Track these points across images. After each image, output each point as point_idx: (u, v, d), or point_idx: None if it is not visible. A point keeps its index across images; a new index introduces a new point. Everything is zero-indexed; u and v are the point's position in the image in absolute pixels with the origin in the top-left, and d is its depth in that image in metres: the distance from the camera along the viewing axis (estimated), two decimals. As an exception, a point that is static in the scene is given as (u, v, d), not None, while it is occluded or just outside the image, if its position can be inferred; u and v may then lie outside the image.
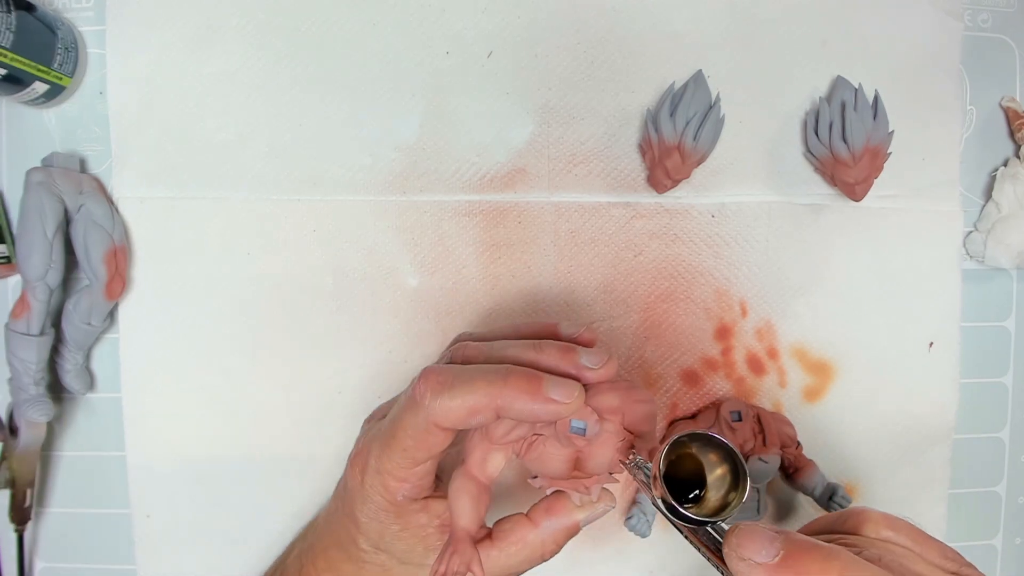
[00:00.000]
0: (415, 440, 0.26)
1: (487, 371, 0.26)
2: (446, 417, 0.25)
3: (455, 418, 0.25)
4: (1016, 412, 0.44)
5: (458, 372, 0.26)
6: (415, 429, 0.26)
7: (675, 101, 0.39)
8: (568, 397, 0.25)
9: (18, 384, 0.37)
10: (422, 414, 0.26)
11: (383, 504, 0.28)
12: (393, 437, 0.27)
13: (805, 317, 0.42)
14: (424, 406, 0.26)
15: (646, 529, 0.39)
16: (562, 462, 0.27)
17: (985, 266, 0.43)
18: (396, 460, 0.27)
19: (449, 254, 0.40)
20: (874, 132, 0.39)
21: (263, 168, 0.40)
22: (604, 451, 0.27)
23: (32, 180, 0.36)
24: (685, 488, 0.25)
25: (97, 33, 0.40)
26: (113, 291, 0.38)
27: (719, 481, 0.24)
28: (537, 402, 0.25)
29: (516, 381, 0.25)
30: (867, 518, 0.24)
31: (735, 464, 0.24)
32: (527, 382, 0.25)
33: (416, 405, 0.26)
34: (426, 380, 0.26)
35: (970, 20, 0.43)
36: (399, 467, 0.27)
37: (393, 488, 0.28)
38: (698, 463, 0.25)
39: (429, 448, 0.27)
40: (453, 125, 0.40)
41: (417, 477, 0.28)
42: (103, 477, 0.41)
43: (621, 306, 0.41)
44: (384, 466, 0.28)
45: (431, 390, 0.26)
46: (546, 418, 0.25)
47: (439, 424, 0.26)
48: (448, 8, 0.40)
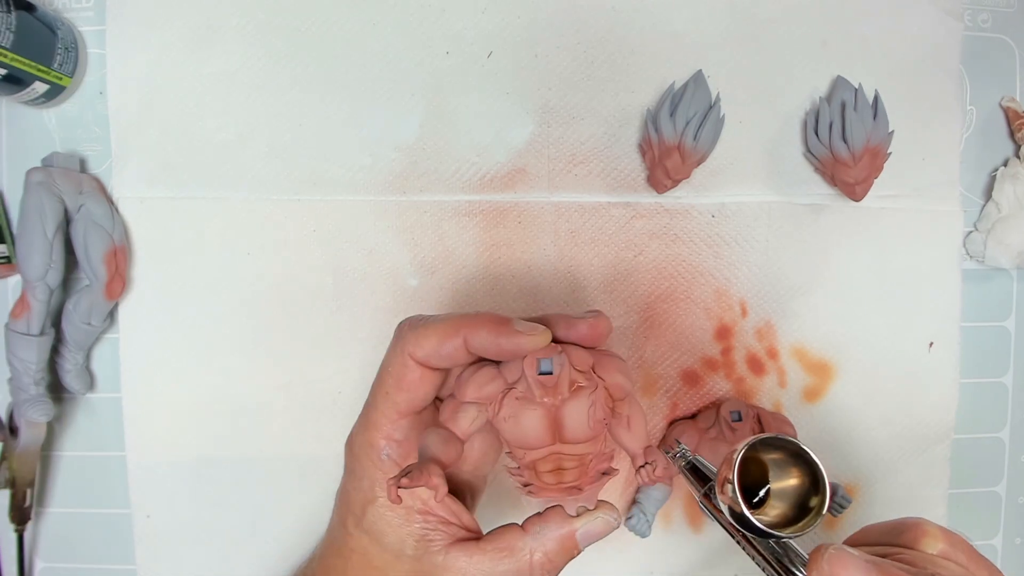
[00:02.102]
0: (395, 379, 0.27)
1: (462, 311, 0.28)
2: (418, 344, 0.26)
3: (428, 346, 0.26)
4: (1016, 412, 0.44)
5: (436, 314, 0.27)
6: (395, 366, 0.27)
7: (675, 101, 0.39)
8: (534, 331, 0.26)
9: (18, 384, 0.37)
10: (399, 346, 0.27)
11: (369, 468, 0.28)
12: (378, 383, 0.28)
13: (805, 317, 0.42)
14: (401, 339, 0.27)
15: (646, 529, 0.39)
16: (537, 423, 0.26)
17: (985, 266, 0.43)
18: (379, 408, 0.27)
19: (449, 254, 0.40)
20: (874, 132, 0.39)
21: (263, 168, 0.40)
22: (579, 406, 0.26)
23: (32, 180, 0.36)
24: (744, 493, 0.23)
25: (97, 33, 0.40)
26: (113, 291, 0.38)
27: (787, 492, 0.24)
28: (502, 334, 0.25)
29: (486, 315, 0.26)
30: (925, 532, 0.24)
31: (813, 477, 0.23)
32: (496, 317, 0.26)
33: (396, 341, 0.27)
34: (408, 319, 0.28)
35: (970, 20, 0.43)
36: (383, 416, 0.27)
37: (379, 444, 0.27)
38: (760, 468, 0.24)
39: (408, 389, 0.27)
40: (453, 125, 0.40)
41: (402, 433, 0.27)
42: (103, 477, 0.41)
43: (621, 306, 0.41)
44: (369, 418, 0.28)
45: (409, 323, 0.27)
46: (510, 349, 0.26)
47: (413, 355, 0.26)
48: (448, 8, 0.40)
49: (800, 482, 0.24)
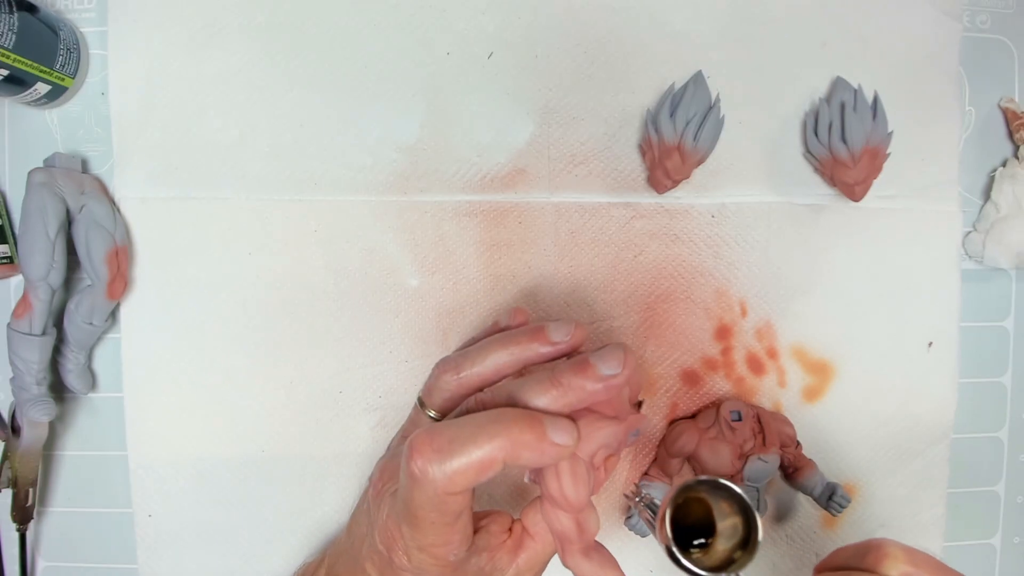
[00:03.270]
0: (437, 513, 0.25)
1: (483, 423, 0.25)
2: (454, 484, 0.24)
3: (464, 481, 0.24)
4: (1015, 412, 0.45)
5: (451, 432, 0.24)
6: (430, 504, 0.25)
7: (675, 101, 0.39)
8: (570, 439, 0.25)
9: (20, 384, 0.37)
10: (429, 488, 0.24)
11: (441, 572, 0.27)
12: (415, 517, 0.25)
13: (805, 317, 0.42)
14: (429, 480, 0.24)
15: (646, 529, 0.39)
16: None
17: (984, 266, 0.43)
18: (431, 533, 0.26)
19: (450, 254, 0.41)
20: (873, 133, 0.39)
21: (264, 168, 0.40)
22: None
23: (34, 180, 0.36)
24: (694, 532, 0.24)
25: (99, 34, 0.40)
26: (115, 291, 0.38)
27: (730, 531, 0.24)
28: (543, 452, 0.25)
29: (518, 431, 0.24)
30: (887, 554, 0.24)
31: (748, 518, 0.23)
32: (529, 429, 0.24)
33: (419, 482, 0.24)
34: (420, 452, 0.24)
35: (969, 21, 0.43)
36: (438, 537, 0.26)
37: (443, 555, 0.27)
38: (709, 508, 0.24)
39: (454, 512, 0.25)
40: (453, 125, 0.40)
41: (459, 533, 0.26)
42: (105, 477, 0.41)
43: (621, 306, 0.41)
44: (422, 542, 0.26)
45: (429, 462, 0.24)
46: (551, 462, 0.25)
47: (451, 491, 0.24)
48: (448, 9, 0.40)
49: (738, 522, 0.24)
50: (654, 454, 0.42)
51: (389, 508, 0.28)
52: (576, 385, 0.26)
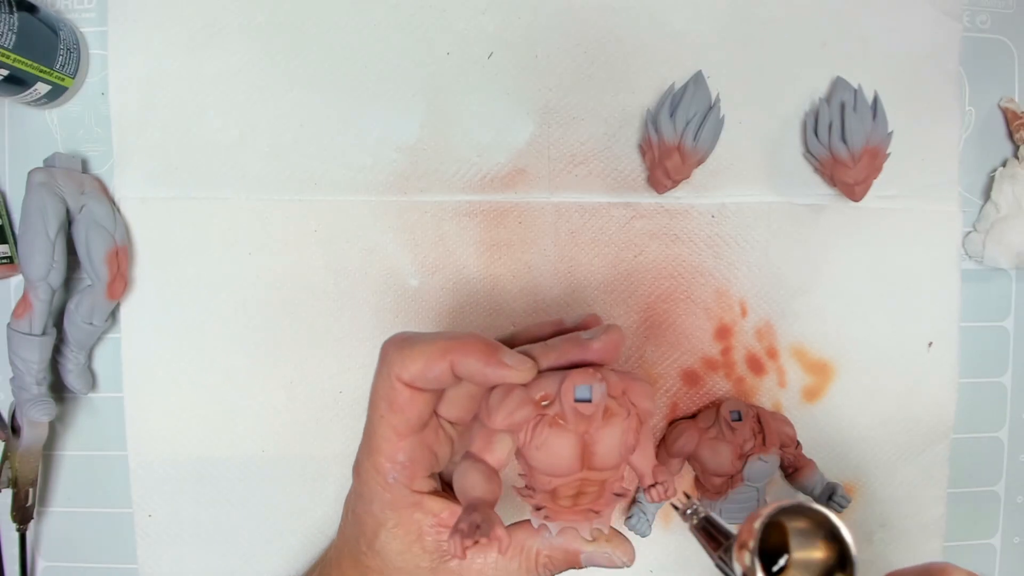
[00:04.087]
0: (387, 403, 0.26)
1: (450, 331, 0.27)
2: (405, 368, 0.25)
3: (414, 369, 0.25)
4: (1015, 411, 0.45)
5: (422, 333, 0.27)
6: (384, 390, 0.26)
7: (675, 101, 0.39)
8: (521, 366, 0.25)
9: (20, 384, 0.37)
10: (386, 370, 0.26)
11: (378, 492, 0.28)
12: (372, 408, 0.27)
13: (805, 317, 0.42)
14: (387, 362, 0.26)
15: (646, 529, 0.39)
16: (569, 452, 0.25)
17: (984, 266, 0.43)
18: (379, 433, 0.27)
19: (450, 254, 0.41)
20: (873, 133, 0.39)
21: (264, 168, 0.40)
22: (613, 434, 0.25)
23: (34, 180, 0.36)
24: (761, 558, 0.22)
25: (99, 34, 0.40)
26: (115, 291, 0.38)
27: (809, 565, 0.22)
28: (490, 364, 0.25)
29: (474, 341, 0.25)
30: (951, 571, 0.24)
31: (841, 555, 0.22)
32: (484, 344, 0.25)
33: (382, 364, 0.27)
34: (392, 340, 0.27)
35: (969, 21, 0.43)
36: (384, 440, 0.27)
37: (384, 468, 0.27)
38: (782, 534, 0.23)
39: (401, 411, 0.26)
40: (453, 125, 0.40)
41: (405, 454, 0.27)
42: (105, 476, 0.41)
43: (621, 306, 0.41)
44: (372, 444, 0.27)
45: (395, 346, 0.26)
46: (494, 380, 0.25)
47: (400, 377, 0.26)
48: (448, 9, 0.40)
49: (825, 556, 0.22)
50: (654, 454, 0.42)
51: None
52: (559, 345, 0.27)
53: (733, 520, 0.39)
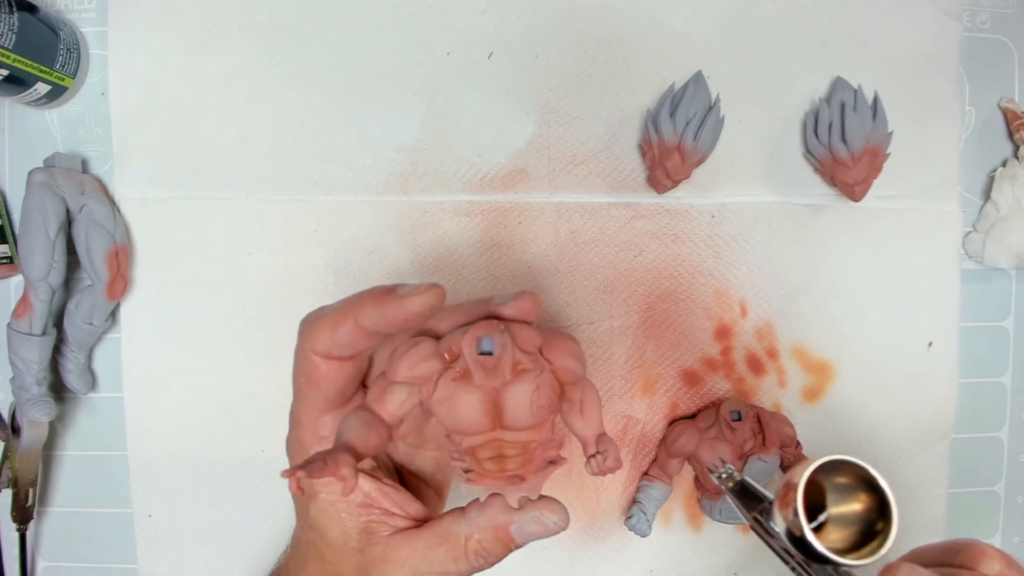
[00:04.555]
0: (304, 377, 0.26)
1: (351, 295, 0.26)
2: (315, 338, 0.25)
3: (323, 337, 0.25)
4: (1015, 412, 0.45)
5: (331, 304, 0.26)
6: (300, 365, 0.26)
7: (675, 101, 0.39)
8: (416, 290, 0.23)
9: (20, 384, 0.37)
10: (300, 345, 0.25)
11: None
12: (294, 385, 0.27)
13: (805, 317, 0.42)
14: (300, 336, 0.26)
15: (646, 529, 0.39)
16: (474, 407, 0.24)
17: (984, 266, 0.43)
18: (300, 407, 0.26)
19: (450, 254, 0.41)
20: (873, 133, 0.39)
21: (264, 168, 0.40)
22: (522, 390, 0.24)
23: (34, 180, 0.36)
24: None
25: (99, 34, 0.40)
26: (115, 291, 0.38)
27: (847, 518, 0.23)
28: (386, 303, 0.24)
29: (369, 290, 0.25)
30: (983, 552, 0.24)
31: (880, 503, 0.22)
32: (380, 288, 0.24)
33: (297, 340, 0.26)
34: (305, 315, 0.26)
35: (969, 21, 0.43)
36: (305, 415, 0.26)
37: (307, 442, 0.26)
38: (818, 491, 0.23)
39: (318, 385, 0.25)
40: (454, 125, 0.40)
41: (327, 430, 0.26)
42: (105, 476, 0.41)
43: (621, 306, 0.41)
44: (294, 418, 0.27)
45: (306, 321, 0.26)
46: (395, 315, 0.23)
47: (314, 349, 0.25)
48: (448, 9, 0.40)
49: (865, 507, 0.23)
50: (654, 454, 0.42)
51: None
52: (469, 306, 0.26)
53: (732, 520, 0.39)
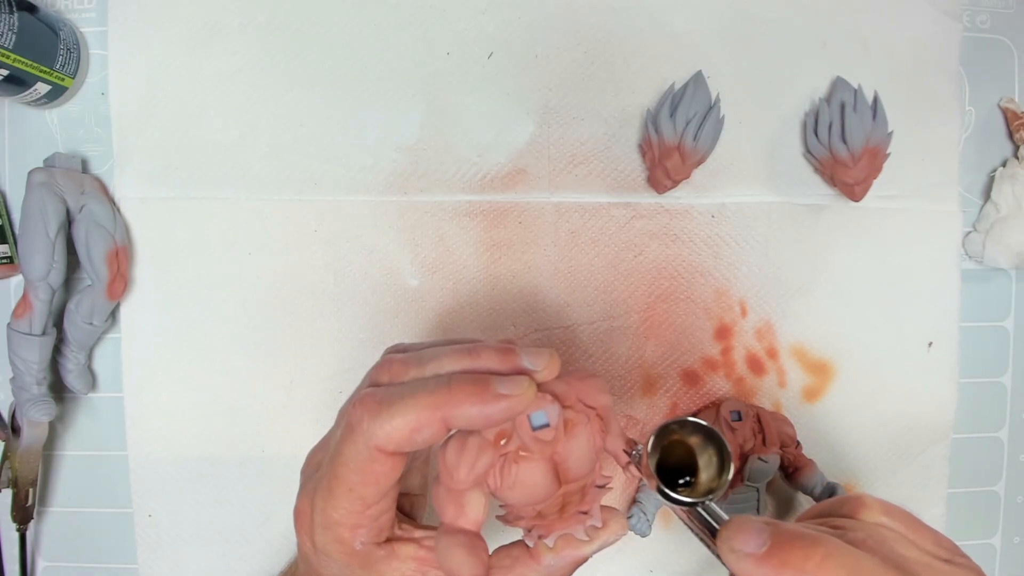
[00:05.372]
0: (360, 475, 0.23)
1: (426, 381, 0.24)
2: (389, 438, 0.23)
3: (399, 437, 0.23)
4: (1015, 411, 0.45)
5: (395, 389, 0.24)
6: (357, 461, 0.23)
7: (675, 101, 0.39)
8: (519, 388, 0.23)
9: (20, 384, 0.37)
10: (361, 440, 0.23)
11: (343, 560, 0.25)
12: (335, 478, 0.24)
13: (805, 317, 0.42)
14: (363, 431, 0.23)
15: (646, 528, 0.39)
16: (543, 478, 0.24)
17: (984, 266, 0.43)
18: (344, 506, 0.24)
19: (450, 254, 0.41)
20: (873, 133, 0.39)
21: (264, 168, 0.40)
22: (580, 444, 0.24)
23: (34, 180, 0.36)
24: (681, 474, 0.25)
25: (99, 34, 0.40)
26: (115, 291, 0.38)
27: (708, 464, 0.25)
28: (488, 402, 0.22)
29: (460, 385, 0.23)
30: (862, 504, 0.24)
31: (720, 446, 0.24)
32: (472, 384, 0.23)
33: (354, 432, 0.23)
34: (362, 403, 0.23)
35: (969, 21, 0.43)
36: (349, 513, 0.24)
37: (347, 539, 0.24)
38: (690, 449, 0.25)
39: (377, 482, 0.24)
40: (454, 125, 0.40)
41: (371, 519, 0.24)
42: (105, 476, 0.41)
43: (621, 306, 0.41)
44: (332, 517, 0.24)
45: (368, 412, 0.23)
46: (500, 417, 0.23)
47: (382, 448, 0.23)
48: (448, 9, 0.40)
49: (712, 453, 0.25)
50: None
51: (304, 487, 0.26)
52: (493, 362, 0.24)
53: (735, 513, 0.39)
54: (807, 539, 0.21)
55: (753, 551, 0.21)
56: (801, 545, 0.20)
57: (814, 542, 0.20)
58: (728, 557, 0.22)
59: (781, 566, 0.20)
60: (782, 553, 0.21)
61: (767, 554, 0.21)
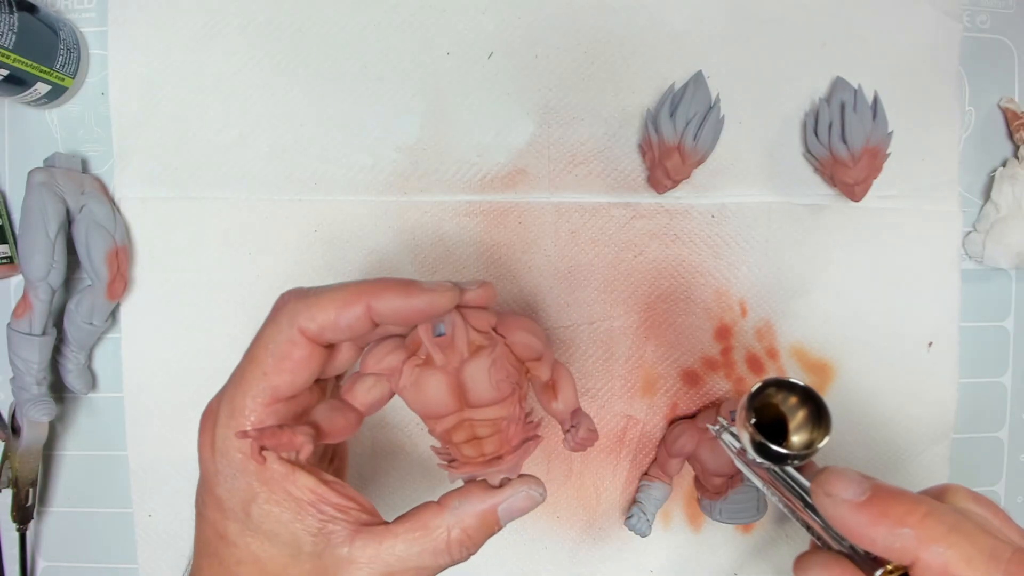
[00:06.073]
0: (276, 358, 0.23)
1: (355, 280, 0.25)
2: (312, 316, 0.23)
3: (323, 317, 0.23)
4: (1015, 412, 0.45)
5: (323, 285, 0.25)
6: (277, 343, 0.23)
7: (675, 101, 0.39)
8: (441, 287, 0.24)
9: (20, 384, 0.37)
10: (285, 319, 0.23)
11: (240, 464, 0.23)
12: (251, 361, 0.24)
13: (805, 317, 0.42)
14: (288, 311, 0.23)
15: (646, 528, 0.39)
16: (439, 388, 0.25)
17: (984, 266, 0.43)
18: (252, 393, 0.23)
19: (450, 254, 0.41)
20: (873, 133, 0.39)
21: (264, 168, 0.40)
22: (479, 366, 0.25)
23: (34, 180, 0.36)
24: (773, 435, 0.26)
25: (99, 34, 0.40)
26: (115, 291, 0.38)
27: (802, 426, 0.26)
28: (412, 295, 0.23)
29: (387, 280, 0.24)
30: (954, 490, 0.24)
31: (816, 405, 0.25)
32: (399, 281, 0.24)
33: (278, 313, 0.24)
34: (292, 292, 0.24)
35: (969, 21, 0.43)
36: (255, 401, 0.23)
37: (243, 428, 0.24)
38: (779, 413, 0.26)
39: (292, 369, 0.23)
40: (454, 126, 0.40)
41: (276, 420, 0.24)
42: (105, 476, 0.41)
43: (621, 306, 0.41)
44: (237, 404, 0.23)
45: (294, 295, 0.24)
46: (420, 308, 0.24)
47: (305, 328, 0.23)
48: (448, 9, 0.40)
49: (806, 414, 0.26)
50: (654, 454, 0.42)
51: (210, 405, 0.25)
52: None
53: (732, 520, 0.39)
54: (909, 496, 0.21)
55: (852, 498, 0.21)
56: (904, 500, 0.21)
57: (917, 500, 0.21)
58: (823, 502, 0.22)
59: (881, 516, 0.21)
60: (883, 504, 0.21)
61: (867, 502, 0.21)
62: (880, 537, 0.21)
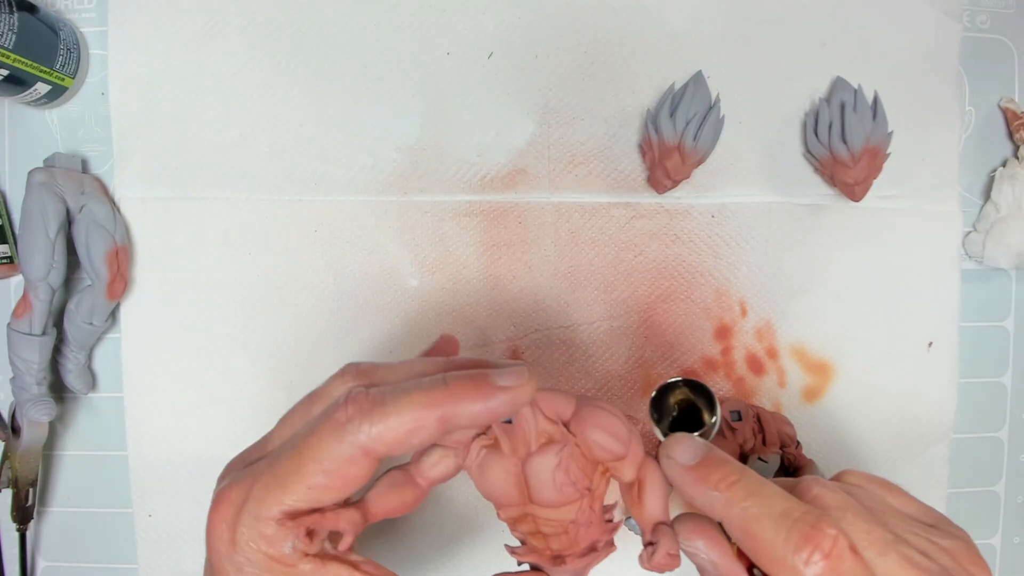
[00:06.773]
0: (328, 476, 0.21)
1: (420, 381, 0.22)
2: (381, 439, 0.21)
3: (392, 439, 0.21)
4: (1015, 412, 0.45)
5: (389, 387, 0.22)
6: (333, 461, 0.21)
7: (675, 101, 0.39)
8: (520, 379, 0.22)
9: (20, 384, 0.37)
10: (348, 439, 0.21)
11: (262, 563, 0.21)
12: (296, 472, 0.21)
13: (805, 317, 0.42)
14: (352, 430, 0.21)
15: (646, 528, 0.39)
16: (504, 477, 0.23)
17: (984, 266, 0.43)
18: (289, 500, 0.21)
19: (450, 254, 0.41)
20: (873, 133, 0.39)
21: (264, 168, 0.40)
22: (545, 463, 0.23)
23: (34, 180, 0.36)
24: None
25: (99, 34, 0.40)
26: (115, 291, 0.38)
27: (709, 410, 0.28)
28: (489, 396, 0.21)
29: (458, 382, 0.21)
30: (847, 472, 0.26)
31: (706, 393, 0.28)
32: (471, 379, 0.22)
33: (341, 430, 0.21)
34: (355, 401, 0.21)
35: (969, 21, 0.43)
36: (292, 510, 0.21)
37: (278, 537, 0.21)
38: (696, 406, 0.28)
39: (343, 486, 0.21)
40: (454, 126, 0.40)
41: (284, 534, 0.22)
42: (105, 476, 0.41)
43: (621, 306, 0.41)
44: (270, 511, 0.21)
45: (360, 410, 0.21)
46: (503, 410, 0.22)
47: (371, 451, 0.21)
48: (449, 9, 0.40)
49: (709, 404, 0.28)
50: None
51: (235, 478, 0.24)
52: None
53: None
54: (731, 465, 0.24)
55: (685, 462, 0.24)
56: (722, 468, 0.23)
57: (735, 469, 0.23)
58: (664, 463, 0.25)
59: (701, 480, 0.23)
60: (706, 469, 0.24)
61: (695, 466, 0.24)
62: (698, 496, 0.23)
